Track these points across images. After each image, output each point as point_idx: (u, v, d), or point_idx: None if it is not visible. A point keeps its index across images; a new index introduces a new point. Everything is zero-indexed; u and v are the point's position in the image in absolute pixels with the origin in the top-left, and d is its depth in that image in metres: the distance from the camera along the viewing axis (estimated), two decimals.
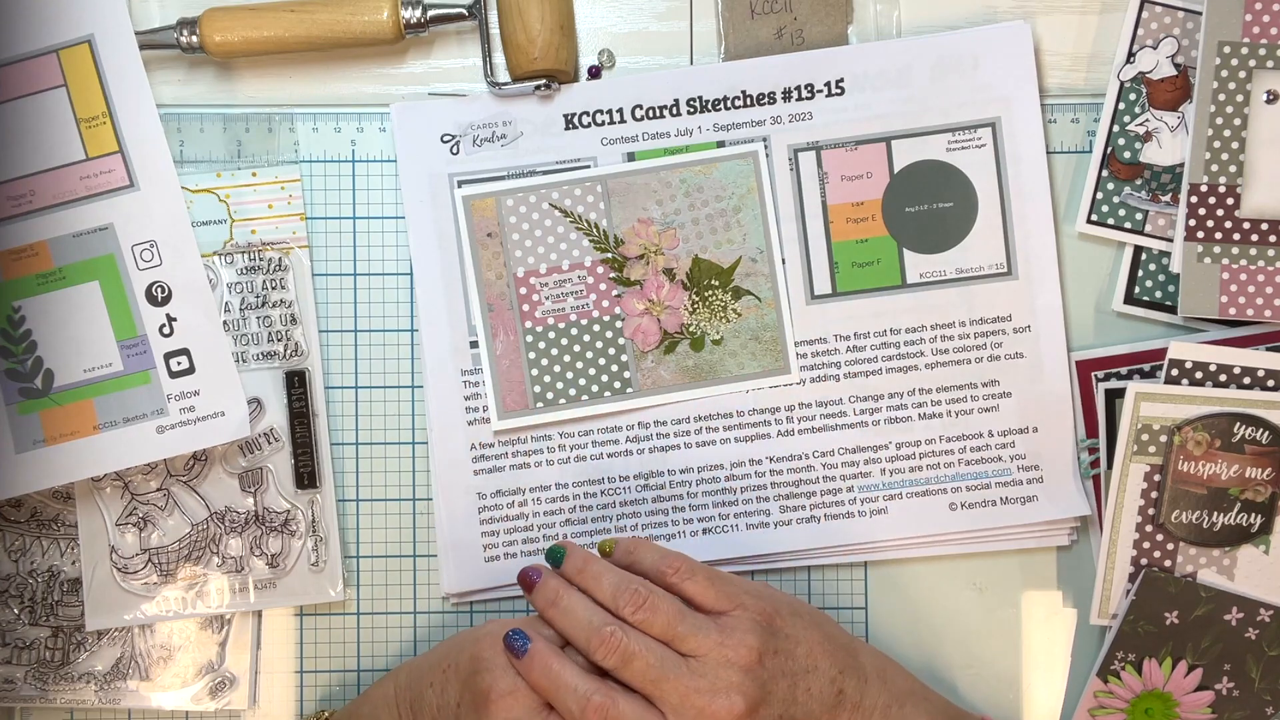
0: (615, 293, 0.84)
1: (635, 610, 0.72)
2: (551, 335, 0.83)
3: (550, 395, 0.83)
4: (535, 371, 0.83)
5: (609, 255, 0.83)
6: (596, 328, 0.84)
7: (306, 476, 0.84)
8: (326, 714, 0.81)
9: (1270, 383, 0.80)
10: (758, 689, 0.71)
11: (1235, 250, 0.80)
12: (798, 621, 0.74)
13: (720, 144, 0.83)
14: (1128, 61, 0.82)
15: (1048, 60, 0.83)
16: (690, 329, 0.84)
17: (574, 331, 0.84)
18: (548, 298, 0.84)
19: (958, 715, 0.78)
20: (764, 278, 0.83)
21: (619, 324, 0.84)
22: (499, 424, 0.83)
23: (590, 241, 0.83)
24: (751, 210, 0.83)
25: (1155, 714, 0.82)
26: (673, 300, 0.83)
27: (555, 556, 0.75)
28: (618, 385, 0.84)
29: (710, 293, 0.83)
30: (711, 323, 0.83)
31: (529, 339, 0.83)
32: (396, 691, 0.77)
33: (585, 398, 0.84)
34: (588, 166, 0.83)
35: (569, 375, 0.83)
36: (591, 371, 0.83)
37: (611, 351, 0.84)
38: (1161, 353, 0.82)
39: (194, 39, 0.80)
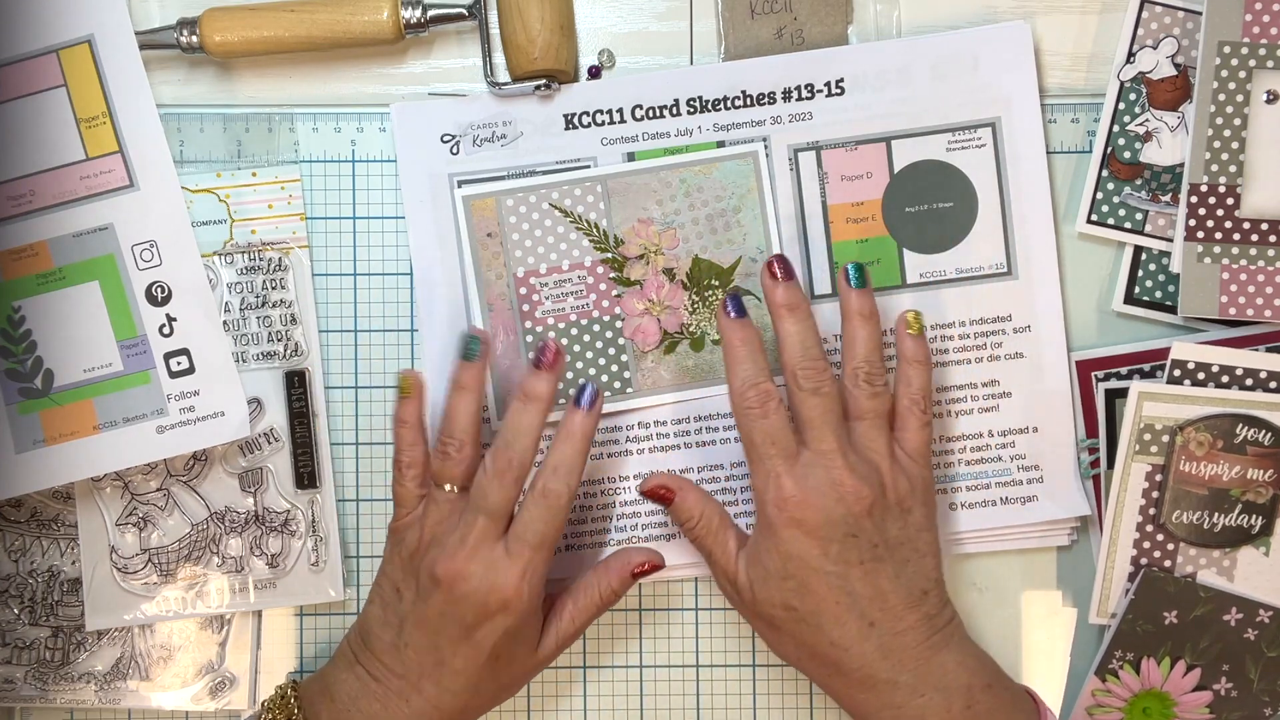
0: (615, 293, 0.84)
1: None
2: (552, 336, 0.83)
3: None
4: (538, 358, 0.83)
5: (609, 255, 0.83)
6: (596, 328, 0.84)
7: (306, 476, 0.84)
8: (294, 682, 0.80)
9: (1273, 384, 0.80)
10: (887, 500, 0.75)
11: (1235, 250, 0.80)
12: (932, 521, 0.78)
13: (720, 144, 0.83)
14: (1128, 61, 0.82)
15: (1048, 60, 0.83)
16: (690, 329, 0.84)
17: (574, 331, 0.84)
18: (548, 298, 0.84)
19: (995, 672, 0.78)
20: None
21: (619, 324, 0.84)
22: (500, 424, 0.83)
23: (590, 241, 0.83)
24: (752, 210, 0.83)
25: (1153, 713, 0.82)
26: (673, 300, 0.83)
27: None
28: (618, 385, 0.84)
29: (710, 293, 0.83)
30: (712, 323, 0.83)
31: (529, 339, 0.83)
32: (348, 638, 0.80)
33: None
34: (588, 166, 0.83)
35: (569, 376, 0.83)
36: (592, 372, 0.83)
37: (611, 351, 0.84)
38: (1162, 353, 0.82)
39: (194, 39, 0.80)
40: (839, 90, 0.83)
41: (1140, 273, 0.83)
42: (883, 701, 0.75)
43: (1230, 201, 0.80)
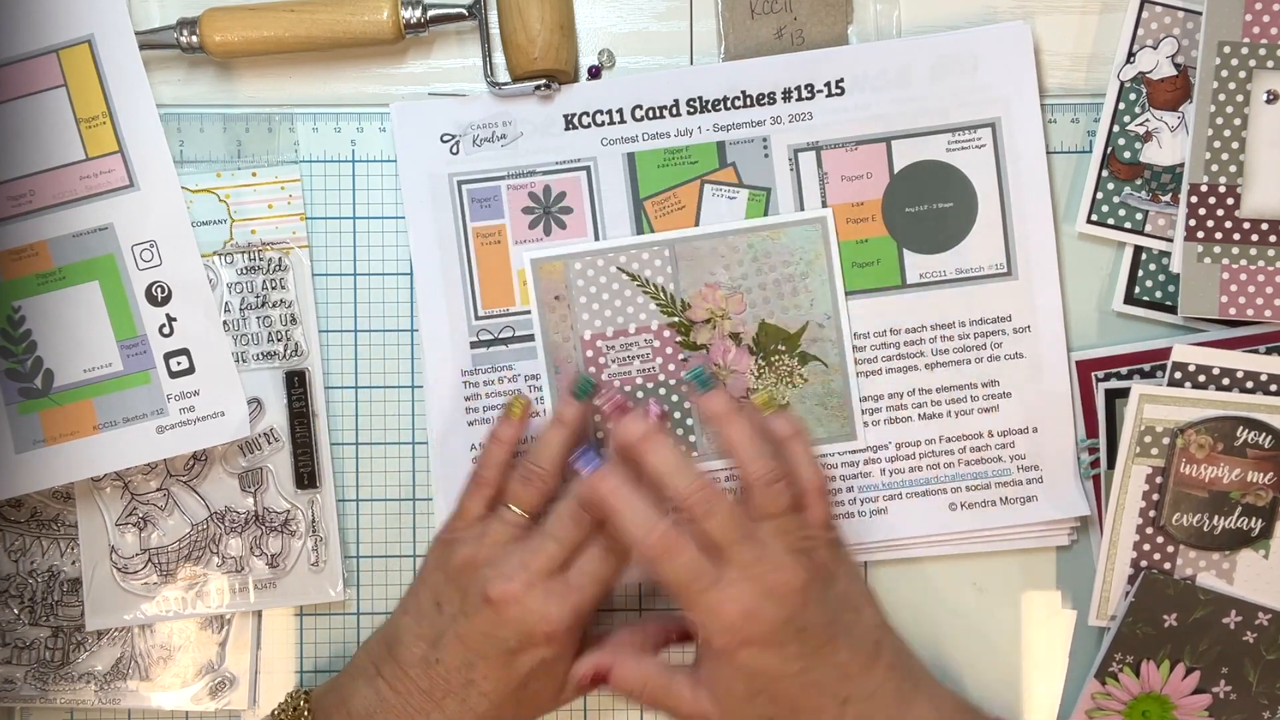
0: (681, 356, 0.84)
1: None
2: (654, 401, 0.84)
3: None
4: (601, 435, 0.83)
5: (675, 319, 0.84)
6: (662, 391, 0.84)
7: (306, 476, 0.84)
8: (305, 691, 0.80)
9: (1273, 387, 0.80)
10: (817, 579, 0.73)
11: (1235, 250, 0.80)
12: (855, 572, 0.77)
13: (720, 144, 0.83)
14: (1128, 61, 0.82)
15: (1048, 60, 0.83)
16: (756, 394, 0.83)
17: (640, 394, 0.84)
18: (614, 360, 0.84)
19: (969, 712, 0.78)
20: (831, 343, 0.83)
21: (685, 388, 0.84)
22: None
23: (657, 305, 0.83)
24: (819, 276, 0.83)
25: (1152, 716, 0.82)
26: (739, 365, 0.83)
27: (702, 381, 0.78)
28: (684, 448, 0.84)
29: (776, 358, 0.83)
30: (778, 387, 0.83)
31: (596, 402, 0.83)
32: (368, 648, 0.79)
33: None
34: (587, 167, 0.83)
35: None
36: None
37: (677, 415, 0.84)
38: (1162, 353, 0.82)
39: (194, 39, 0.80)
40: (839, 90, 0.83)
41: (1140, 273, 0.83)
42: None
43: (1230, 201, 0.80)
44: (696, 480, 0.73)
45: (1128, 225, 0.82)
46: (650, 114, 0.83)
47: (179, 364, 0.82)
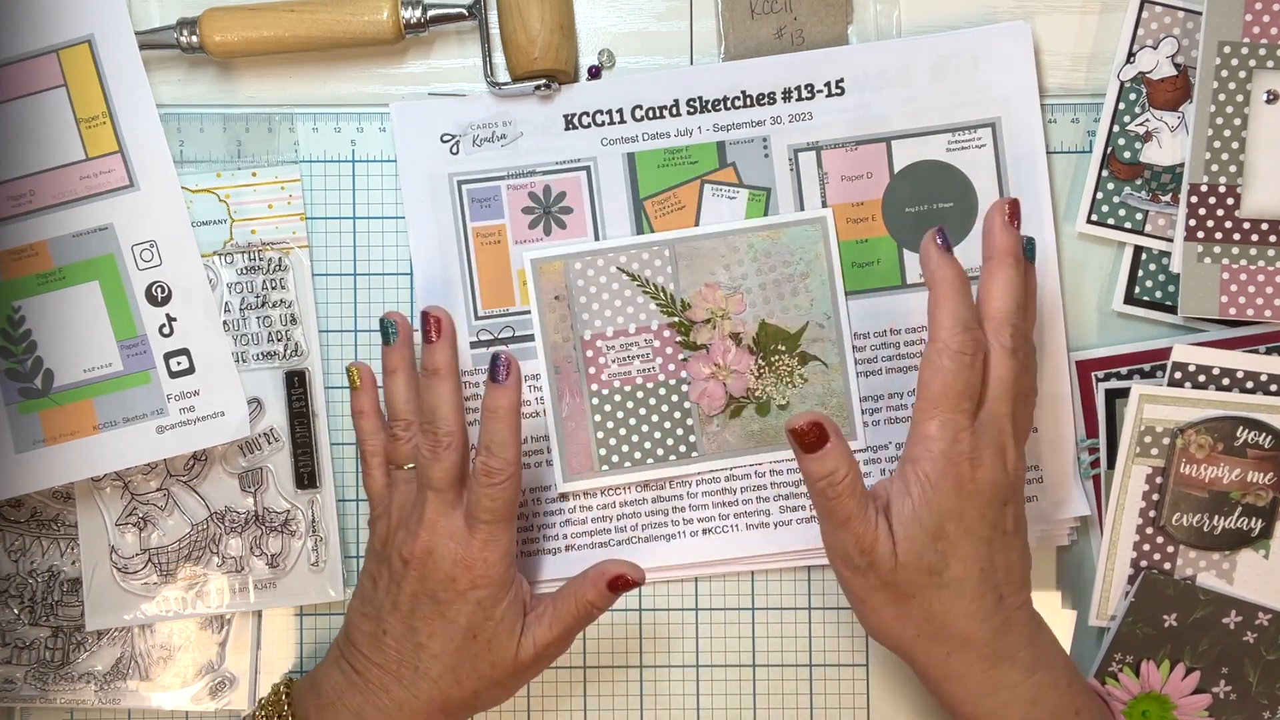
0: (681, 356, 0.84)
1: None
2: (617, 398, 0.84)
3: (615, 458, 0.83)
4: (601, 434, 0.83)
5: (676, 319, 0.83)
6: (662, 391, 0.84)
7: (306, 476, 0.84)
8: (288, 680, 0.81)
9: (1273, 387, 0.80)
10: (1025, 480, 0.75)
11: (1235, 250, 0.80)
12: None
13: (720, 144, 0.83)
14: (1128, 61, 0.82)
15: (1048, 60, 0.83)
16: (756, 394, 0.83)
17: (640, 395, 0.84)
18: (614, 360, 0.84)
19: (1080, 685, 0.77)
20: (831, 343, 0.83)
21: (685, 388, 0.84)
22: (564, 486, 0.84)
23: (657, 305, 0.83)
24: (819, 276, 0.83)
25: (1152, 716, 0.82)
26: (739, 365, 0.83)
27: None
28: (683, 449, 0.84)
29: (777, 358, 0.83)
30: (778, 388, 0.83)
31: (595, 401, 0.83)
32: (336, 637, 0.81)
33: (650, 461, 0.84)
34: (587, 167, 0.83)
35: (634, 438, 0.83)
36: (657, 435, 0.83)
37: (677, 415, 0.84)
38: (1162, 353, 0.82)
39: (194, 39, 0.80)
40: (839, 90, 0.83)
41: (1140, 273, 0.83)
42: (1000, 681, 0.73)
43: (1230, 201, 0.80)
44: (1021, 321, 0.73)
45: (1128, 225, 0.82)
46: (650, 114, 0.83)
47: (179, 364, 0.82)
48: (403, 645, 0.76)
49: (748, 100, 0.83)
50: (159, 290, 0.82)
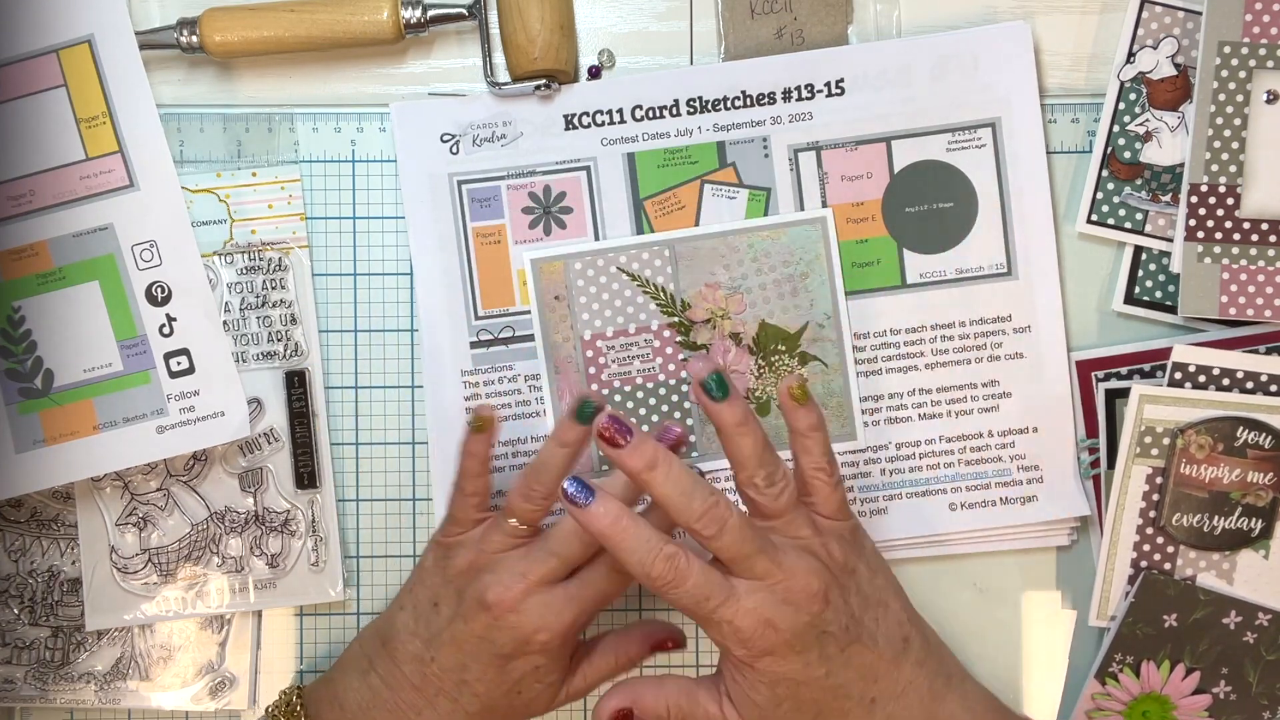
0: (681, 356, 0.84)
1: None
2: (617, 398, 0.84)
3: None
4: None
5: (676, 319, 0.84)
6: (663, 391, 0.84)
7: (306, 476, 0.84)
8: (299, 687, 0.80)
9: (1273, 387, 0.80)
10: (835, 581, 0.71)
11: (1235, 250, 0.80)
12: (878, 562, 0.75)
13: (720, 144, 0.83)
14: (1128, 61, 0.82)
15: (1048, 60, 0.83)
16: (756, 394, 0.84)
17: (640, 394, 0.84)
18: (614, 360, 0.84)
19: (1000, 711, 0.76)
20: (831, 344, 0.83)
21: (685, 388, 0.84)
22: (564, 486, 0.83)
23: (657, 305, 0.83)
24: (819, 276, 0.83)
25: (1152, 716, 0.82)
26: (739, 365, 0.83)
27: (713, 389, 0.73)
28: (683, 449, 0.84)
29: (776, 358, 0.83)
30: (778, 387, 0.83)
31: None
32: (361, 641, 0.79)
33: None
34: (587, 167, 0.83)
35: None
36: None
37: (677, 415, 0.84)
38: (1162, 353, 0.82)
39: (194, 39, 0.80)
40: (839, 90, 0.83)
41: (1140, 273, 0.83)
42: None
43: (1230, 201, 0.80)
44: (704, 503, 0.69)
45: (1128, 225, 0.82)
46: (650, 114, 0.83)
47: (179, 364, 0.82)
48: (447, 677, 0.75)
49: (748, 100, 0.83)
50: (159, 290, 0.82)
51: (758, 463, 0.71)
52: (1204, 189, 0.80)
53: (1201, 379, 0.80)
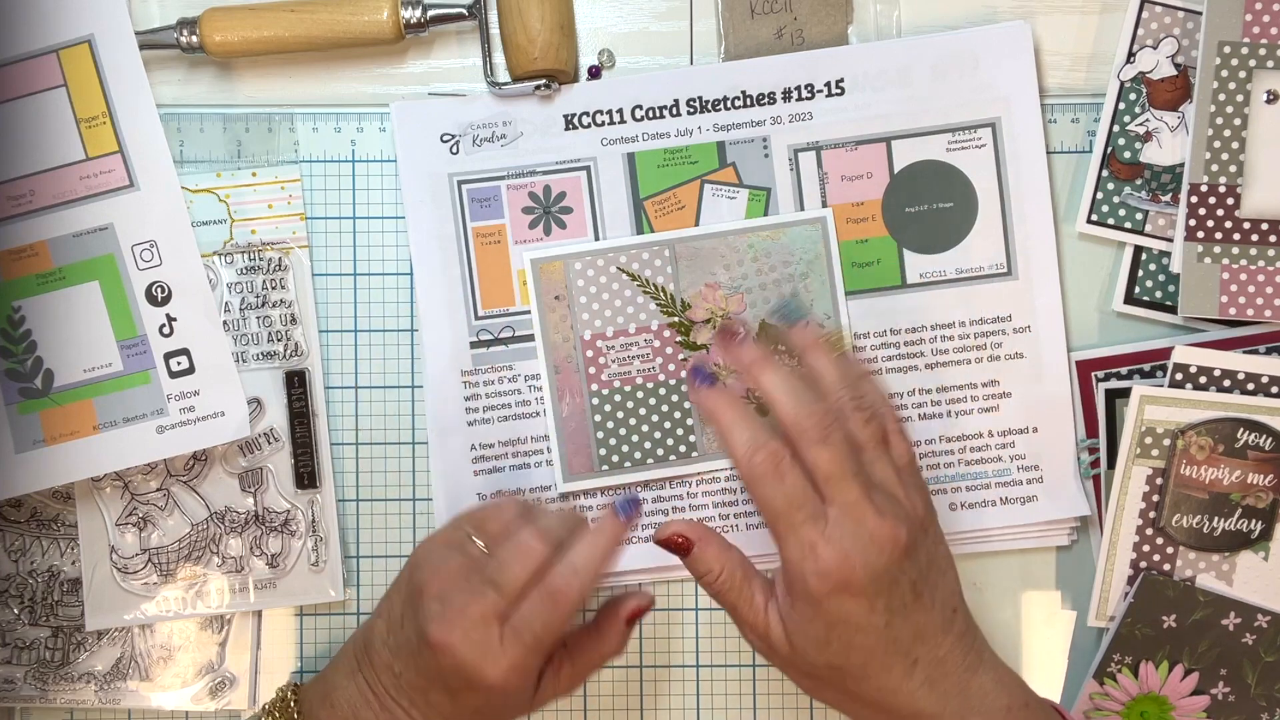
0: (681, 356, 0.84)
1: (857, 409, 0.71)
2: (617, 398, 0.84)
3: (615, 458, 0.84)
4: (601, 434, 0.84)
5: (676, 319, 0.84)
6: (663, 391, 0.84)
7: (306, 476, 0.84)
8: (295, 685, 0.79)
9: (1274, 389, 0.80)
10: (917, 531, 0.69)
11: (1235, 250, 0.80)
12: (940, 530, 0.73)
13: (720, 144, 0.83)
14: (1128, 61, 0.82)
15: (1048, 60, 0.83)
16: (756, 394, 0.83)
17: (640, 395, 0.84)
18: (614, 360, 0.84)
19: (1028, 691, 0.75)
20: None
21: (684, 388, 0.84)
22: (565, 486, 0.84)
23: (657, 305, 0.83)
24: (819, 276, 0.83)
25: (1150, 717, 0.82)
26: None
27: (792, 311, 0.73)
28: (683, 449, 0.84)
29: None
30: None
31: (595, 401, 0.83)
32: (352, 642, 0.77)
33: (650, 461, 0.84)
34: (587, 167, 0.83)
35: (634, 439, 0.83)
36: (657, 435, 0.83)
37: (677, 415, 0.84)
38: (1162, 353, 0.82)
39: (194, 39, 0.80)
40: (839, 90, 0.83)
41: (1140, 273, 0.83)
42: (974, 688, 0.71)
43: (1230, 201, 0.80)
44: (813, 404, 0.69)
45: (1128, 225, 0.82)
46: (650, 114, 0.83)
47: (179, 364, 0.82)
48: (414, 692, 0.73)
49: (748, 100, 0.83)
50: (159, 290, 0.82)
51: (842, 380, 0.71)
52: (1204, 189, 0.80)
53: (1202, 380, 0.80)
